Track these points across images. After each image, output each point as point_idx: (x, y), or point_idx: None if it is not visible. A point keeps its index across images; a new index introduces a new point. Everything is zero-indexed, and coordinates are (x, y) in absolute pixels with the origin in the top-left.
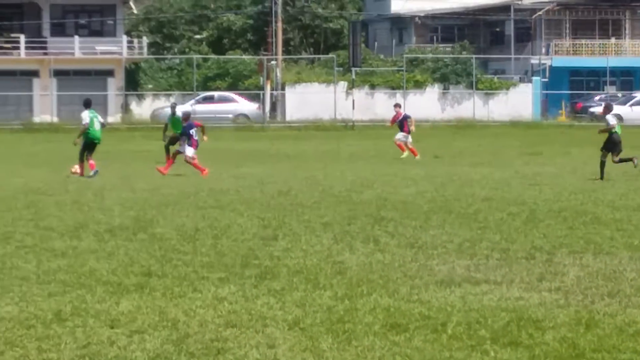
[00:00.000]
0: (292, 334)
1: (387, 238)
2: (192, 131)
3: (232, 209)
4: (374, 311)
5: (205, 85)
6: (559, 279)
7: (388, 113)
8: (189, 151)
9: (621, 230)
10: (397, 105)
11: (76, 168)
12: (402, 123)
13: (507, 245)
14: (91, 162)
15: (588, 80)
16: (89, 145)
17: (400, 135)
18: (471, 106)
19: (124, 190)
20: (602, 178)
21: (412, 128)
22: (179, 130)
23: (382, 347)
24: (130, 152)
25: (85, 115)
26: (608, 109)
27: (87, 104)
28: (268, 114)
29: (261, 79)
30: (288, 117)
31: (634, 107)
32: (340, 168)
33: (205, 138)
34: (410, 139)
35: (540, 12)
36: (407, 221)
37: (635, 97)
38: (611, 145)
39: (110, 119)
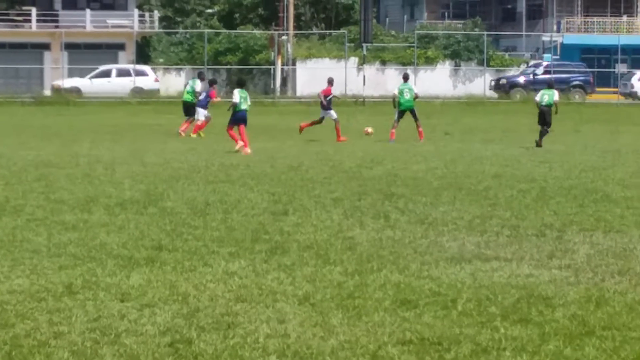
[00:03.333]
0: (303, 309)
1: (398, 214)
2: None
3: (242, 184)
4: (384, 287)
5: (215, 59)
6: (569, 256)
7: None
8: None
9: (631, 209)
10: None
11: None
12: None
13: (518, 222)
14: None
15: (599, 57)
16: (237, 120)
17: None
18: (482, 83)
19: (134, 164)
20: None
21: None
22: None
23: (392, 322)
24: (140, 125)
25: (236, 94)
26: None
27: (241, 84)
28: (279, 89)
29: (272, 54)
30: (299, 93)
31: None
32: (351, 144)
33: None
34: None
35: None
36: (418, 197)
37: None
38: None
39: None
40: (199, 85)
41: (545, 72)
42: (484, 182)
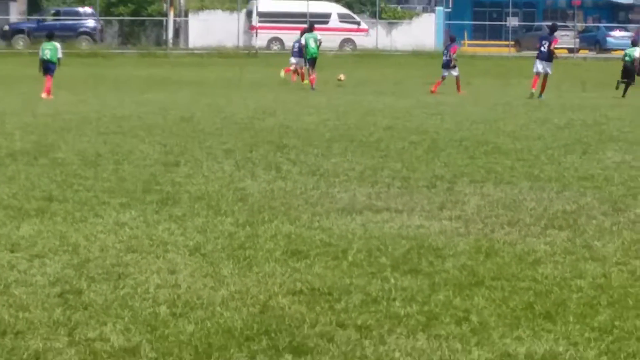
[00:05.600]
0: (193, 259)
1: (289, 165)
2: None
3: (134, 135)
4: (275, 238)
5: (108, 10)
6: (459, 207)
7: (295, 42)
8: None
9: (522, 160)
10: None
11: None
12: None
13: (409, 174)
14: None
15: (491, 11)
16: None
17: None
18: (374, 35)
19: (25, 115)
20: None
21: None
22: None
23: (283, 273)
24: (32, 76)
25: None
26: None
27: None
28: (171, 41)
29: (164, 5)
30: (191, 44)
31: None
32: (243, 95)
33: None
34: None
35: None
36: (309, 149)
37: None
38: None
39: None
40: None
41: None
42: (376, 134)
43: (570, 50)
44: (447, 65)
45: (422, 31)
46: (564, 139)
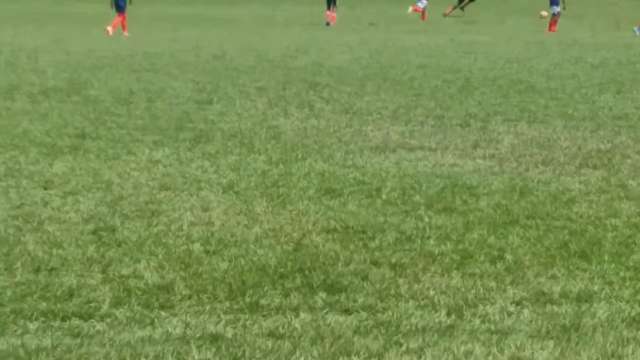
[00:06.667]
0: (226, 197)
1: (322, 104)
2: None
3: (166, 73)
4: (309, 176)
5: None
6: (493, 146)
7: None
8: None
9: (555, 99)
10: None
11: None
12: None
13: (442, 113)
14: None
15: None
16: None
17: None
18: None
19: (57, 52)
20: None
21: None
22: None
23: (317, 211)
24: (65, 14)
25: None
26: None
27: None
28: None
29: None
30: None
31: None
32: (276, 33)
33: None
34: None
35: None
36: (342, 87)
37: None
38: None
39: None
40: None
41: None
42: (409, 72)
43: None
44: None
45: None
46: (598, 78)
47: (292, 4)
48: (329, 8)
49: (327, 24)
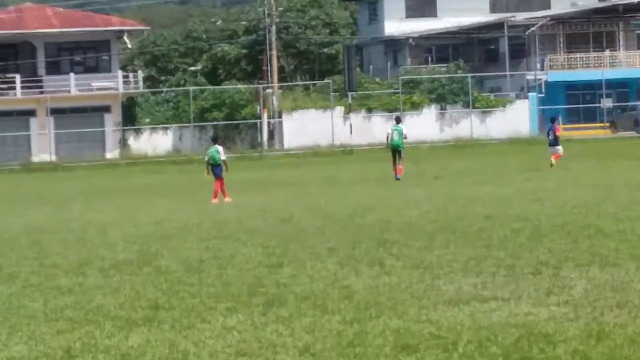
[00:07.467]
0: None
1: (393, 260)
2: None
3: (235, 239)
4: (384, 333)
5: (202, 116)
6: (566, 292)
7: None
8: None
9: (626, 242)
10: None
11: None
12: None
13: (513, 262)
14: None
15: (584, 93)
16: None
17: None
18: (469, 125)
19: (126, 225)
20: None
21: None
22: None
23: None
24: (130, 187)
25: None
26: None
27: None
28: (266, 143)
29: (257, 107)
30: (286, 145)
31: None
32: (341, 193)
33: None
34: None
35: (534, 28)
36: (412, 242)
37: None
38: None
39: (108, 155)
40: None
41: None
42: (477, 223)
43: None
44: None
45: (517, 118)
46: None
47: (354, 162)
48: (395, 163)
49: (397, 178)
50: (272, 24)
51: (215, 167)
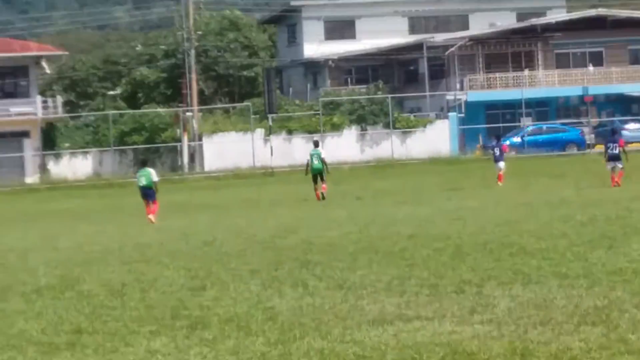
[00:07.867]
0: None
1: (316, 281)
2: None
3: (157, 262)
4: (308, 354)
5: (122, 140)
6: (490, 310)
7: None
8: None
9: (548, 259)
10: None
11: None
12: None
13: (436, 281)
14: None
15: (504, 112)
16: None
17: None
18: (389, 145)
19: (47, 249)
20: None
21: None
22: None
23: None
24: (51, 211)
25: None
26: None
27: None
28: (187, 165)
29: (178, 131)
30: (207, 168)
31: None
32: (263, 214)
33: None
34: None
35: (453, 49)
36: (334, 263)
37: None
38: None
39: (28, 180)
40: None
41: None
42: (400, 243)
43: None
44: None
45: (437, 138)
46: (589, 235)
47: (275, 184)
48: (316, 185)
49: (323, 198)
50: (191, 48)
51: (147, 189)
